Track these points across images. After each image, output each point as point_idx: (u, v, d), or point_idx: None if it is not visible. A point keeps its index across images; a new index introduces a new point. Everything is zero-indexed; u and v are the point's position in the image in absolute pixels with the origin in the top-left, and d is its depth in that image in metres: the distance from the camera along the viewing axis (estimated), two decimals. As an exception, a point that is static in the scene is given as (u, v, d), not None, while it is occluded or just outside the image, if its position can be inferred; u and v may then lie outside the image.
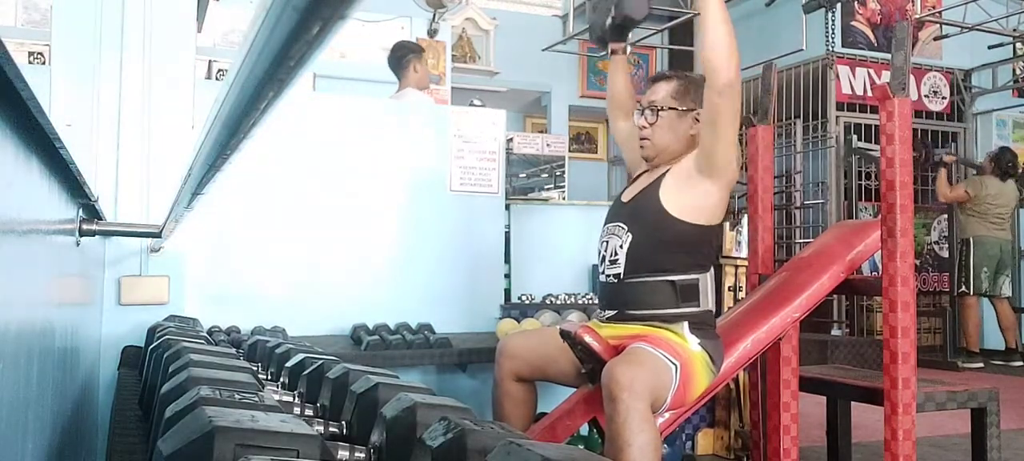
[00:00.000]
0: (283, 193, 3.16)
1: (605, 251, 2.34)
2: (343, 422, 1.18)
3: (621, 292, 2.27)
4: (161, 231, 2.16)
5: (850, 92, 7.03)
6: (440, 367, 3.07)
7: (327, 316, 3.15)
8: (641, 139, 2.35)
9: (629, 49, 2.57)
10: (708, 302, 2.25)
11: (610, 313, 2.31)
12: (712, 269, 2.31)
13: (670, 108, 2.31)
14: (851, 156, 6.71)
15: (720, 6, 2.09)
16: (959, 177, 7.13)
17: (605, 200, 6.63)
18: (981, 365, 6.34)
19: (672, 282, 2.21)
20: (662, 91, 2.34)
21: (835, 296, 5.25)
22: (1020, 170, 6.59)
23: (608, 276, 2.32)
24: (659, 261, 2.23)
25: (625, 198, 2.41)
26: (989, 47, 7.03)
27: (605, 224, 2.40)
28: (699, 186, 2.22)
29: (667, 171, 2.31)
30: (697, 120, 2.30)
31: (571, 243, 3.89)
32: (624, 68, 2.61)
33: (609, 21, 2.41)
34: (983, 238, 6.40)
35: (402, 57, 4.33)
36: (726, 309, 3.21)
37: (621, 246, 2.28)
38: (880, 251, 2.42)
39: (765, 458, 2.74)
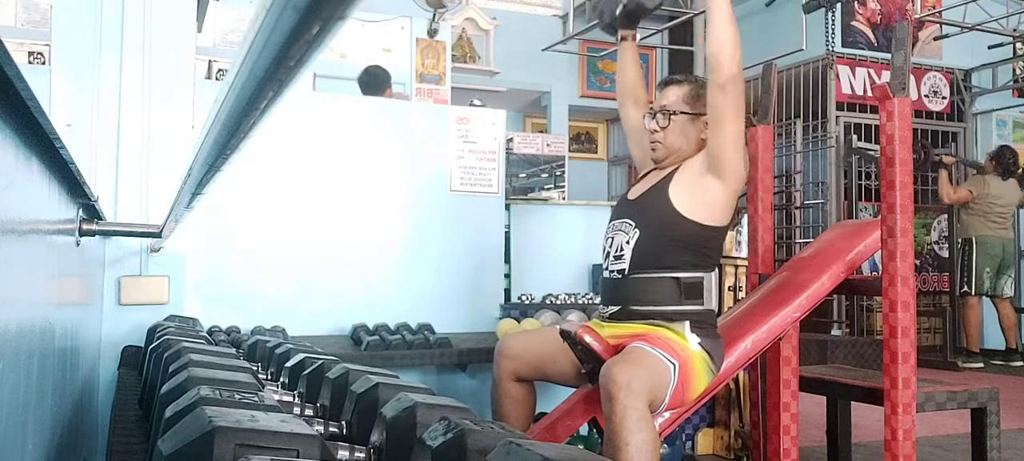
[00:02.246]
0: (283, 193, 3.15)
1: (610, 247, 2.34)
2: (343, 422, 1.18)
3: (625, 288, 2.27)
4: (161, 231, 2.16)
5: (850, 92, 7.03)
6: (440, 367, 3.07)
7: (327, 316, 3.15)
8: (652, 142, 2.36)
9: (639, 36, 2.57)
10: (711, 301, 2.25)
11: (613, 309, 2.30)
12: (717, 269, 2.31)
13: (682, 112, 2.32)
14: (851, 156, 6.71)
15: (727, 5, 2.14)
16: (959, 178, 7.11)
17: (605, 200, 6.64)
18: (981, 365, 6.33)
19: (677, 279, 2.21)
20: (673, 95, 2.35)
21: (835, 296, 5.26)
22: (1021, 169, 6.57)
23: (612, 272, 2.32)
24: (665, 258, 2.23)
25: (632, 195, 2.42)
26: (989, 47, 7.03)
27: (611, 221, 2.41)
28: (708, 185, 2.23)
29: (676, 169, 2.32)
30: (707, 124, 2.31)
31: (571, 243, 3.89)
32: (634, 55, 2.58)
33: (620, 8, 2.42)
34: (985, 238, 6.39)
35: (384, 81, 4.85)
36: (726, 309, 3.21)
37: (627, 242, 2.28)
38: (880, 251, 2.42)
39: (765, 458, 2.74)
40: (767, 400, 2.73)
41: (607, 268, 2.35)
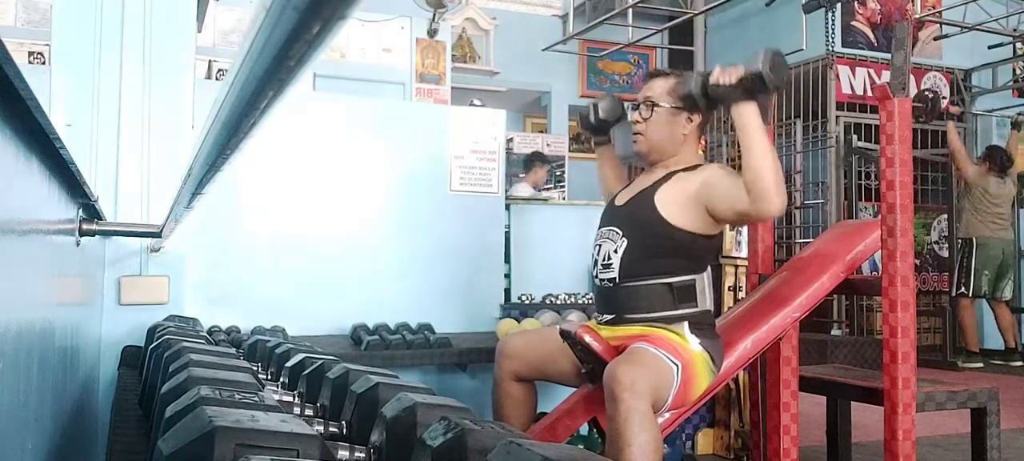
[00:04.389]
0: (283, 193, 3.15)
1: (598, 255, 2.32)
2: (343, 422, 1.18)
3: (617, 296, 2.26)
4: (161, 231, 2.16)
5: (850, 92, 7.04)
6: (440, 367, 3.07)
7: (327, 316, 3.15)
8: (634, 133, 2.35)
9: (614, 140, 2.63)
10: (706, 301, 2.24)
11: (607, 317, 2.30)
12: (709, 268, 2.30)
13: (665, 105, 2.31)
14: (851, 156, 6.70)
15: (765, 138, 2.06)
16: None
17: (605, 200, 6.63)
18: (981, 365, 6.32)
19: (669, 284, 2.20)
20: (658, 88, 2.34)
21: (835, 296, 5.25)
22: (1012, 164, 6.54)
23: (603, 280, 2.30)
24: (655, 265, 2.22)
25: (619, 201, 2.39)
26: (989, 47, 7.03)
27: (599, 228, 2.39)
28: (700, 212, 2.20)
29: (664, 178, 2.29)
30: (690, 120, 2.30)
31: (571, 243, 3.89)
32: (610, 158, 2.66)
33: (591, 119, 2.55)
34: (986, 239, 6.35)
35: (531, 162, 6.25)
36: (726, 309, 3.21)
37: (615, 251, 2.26)
38: (880, 251, 2.42)
39: (765, 458, 2.74)
40: (767, 400, 2.73)
41: (597, 276, 2.33)
